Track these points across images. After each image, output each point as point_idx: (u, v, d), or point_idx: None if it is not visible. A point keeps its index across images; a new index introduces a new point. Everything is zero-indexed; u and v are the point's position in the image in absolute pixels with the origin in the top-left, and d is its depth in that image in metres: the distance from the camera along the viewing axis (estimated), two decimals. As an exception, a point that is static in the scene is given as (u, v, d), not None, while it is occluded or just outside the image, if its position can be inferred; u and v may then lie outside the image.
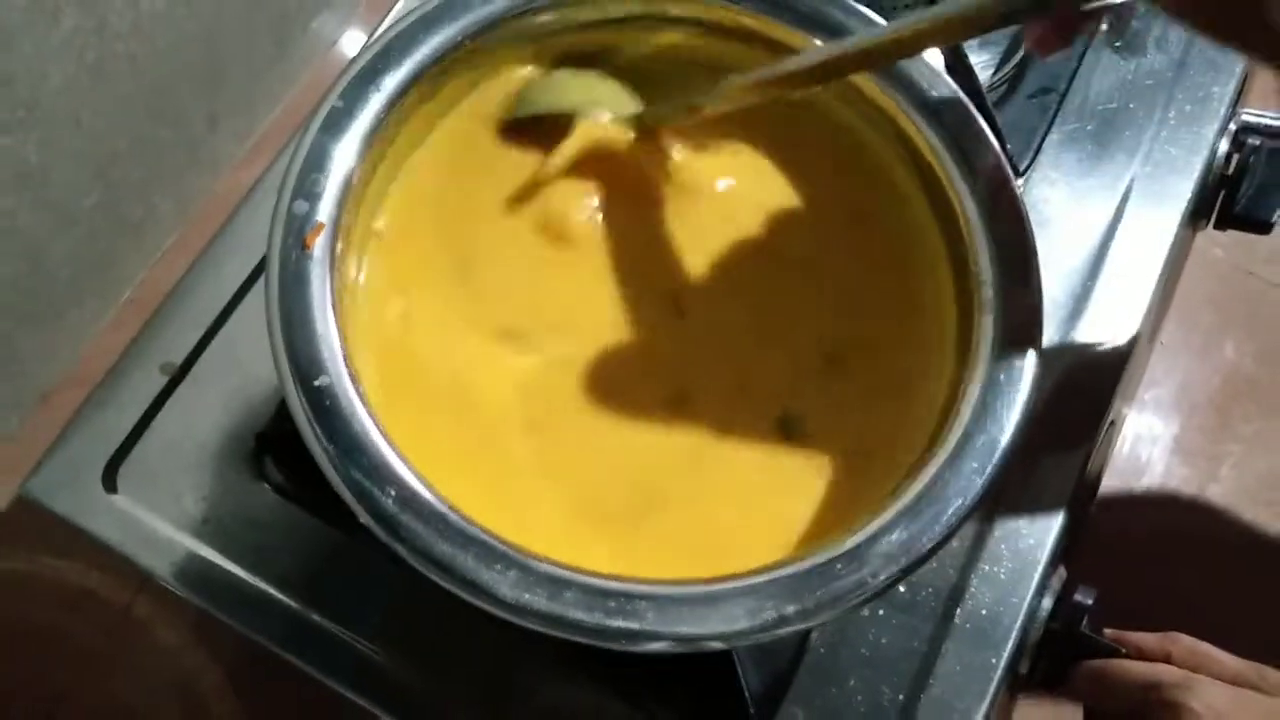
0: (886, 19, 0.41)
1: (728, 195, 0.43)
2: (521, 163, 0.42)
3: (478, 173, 0.42)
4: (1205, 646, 0.40)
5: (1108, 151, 0.55)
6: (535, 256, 0.41)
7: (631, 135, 0.42)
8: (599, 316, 0.41)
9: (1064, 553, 0.47)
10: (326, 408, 0.34)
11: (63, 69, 0.61)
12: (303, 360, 0.34)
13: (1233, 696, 0.37)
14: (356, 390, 0.34)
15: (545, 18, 0.42)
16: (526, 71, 0.44)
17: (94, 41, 0.62)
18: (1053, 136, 0.55)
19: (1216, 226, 0.57)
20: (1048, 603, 0.46)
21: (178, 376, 0.49)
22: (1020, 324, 0.37)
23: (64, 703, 0.64)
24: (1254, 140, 0.55)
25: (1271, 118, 0.57)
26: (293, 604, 0.46)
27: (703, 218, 0.42)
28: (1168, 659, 0.40)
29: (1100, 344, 0.51)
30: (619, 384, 0.40)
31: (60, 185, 0.65)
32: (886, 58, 0.39)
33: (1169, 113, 0.55)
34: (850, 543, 0.34)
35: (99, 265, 0.72)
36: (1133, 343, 0.51)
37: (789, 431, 0.39)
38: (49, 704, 0.64)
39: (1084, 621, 0.44)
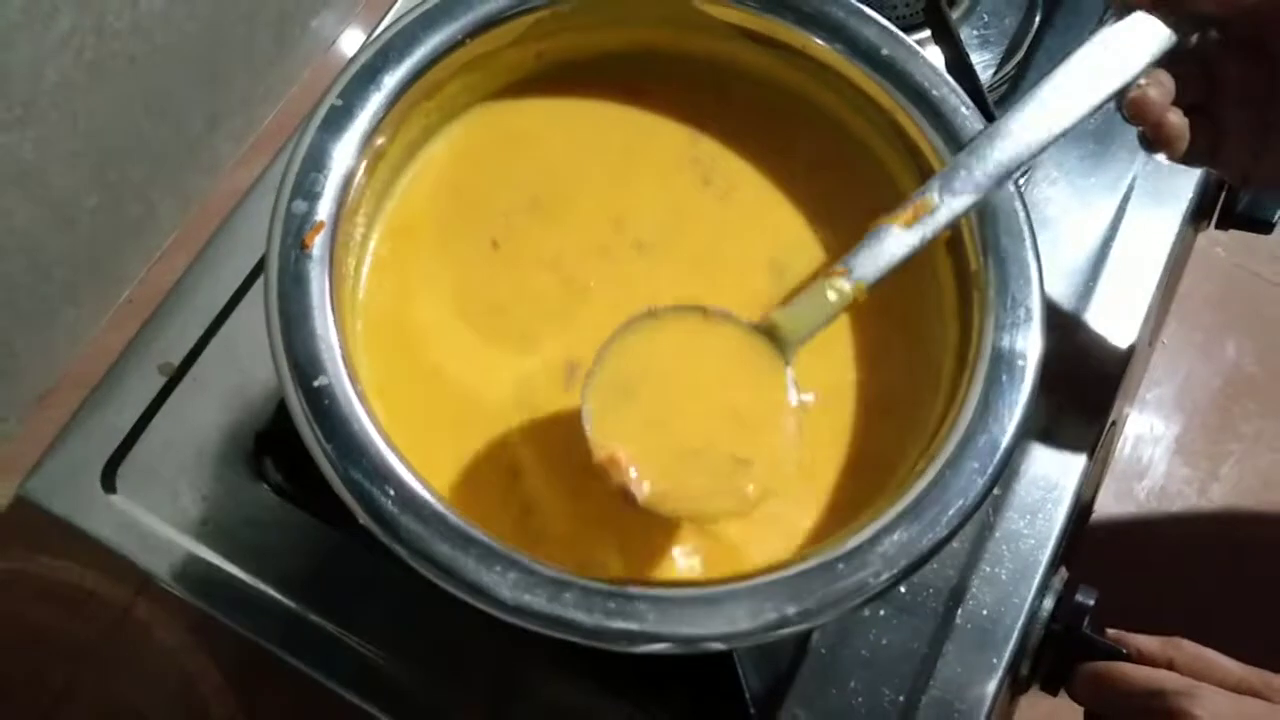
0: (887, 18, 0.41)
1: (731, 204, 0.43)
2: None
3: (477, 179, 0.42)
4: (1209, 653, 0.40)
5: (1109, 150, 0.54)
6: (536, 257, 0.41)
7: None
8: (600, 317, 0.40)
9: (1066, 553, 0.47)
10: (326, 408, 0.33)
11: (60, 68, 0.61)
12: (302, 360, 0.34)
13: (1237, 705, 0.37)
14: (356, 390, 0.34)
15: (545, 16, 0.42)
16: (529, 72, 0.43)
17: (92, 41, 0.62)
18: (1054, 135, 0.54)
19: (1218, 226, 0.57)
20: (1049, 603, 0.45)
21: (176, 376, 0.49)
22: (1021, 324, 0.37)
23: (64, 703, 0.63)
24: (1256, 139, 0.55)
25: (1273, 117, 0.57)
26: (292, 605, 0.45)
27: (710, 230, 0.42)
28: (1170, 665, 0.40)
29: (1102, 344, 0.50)
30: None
31: (58, 184, 0.65)
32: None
33: (1171, 112, 0.55)
34: (851, 543, 0.33)
35: (97, 265, 0.72)
36: (1134, 342, 0.51)
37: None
38: (49, 704, 0.63)
39: (1085, 622, 0.44)
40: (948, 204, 0.37)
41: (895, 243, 0.37)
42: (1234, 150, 0.41)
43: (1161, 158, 0.42)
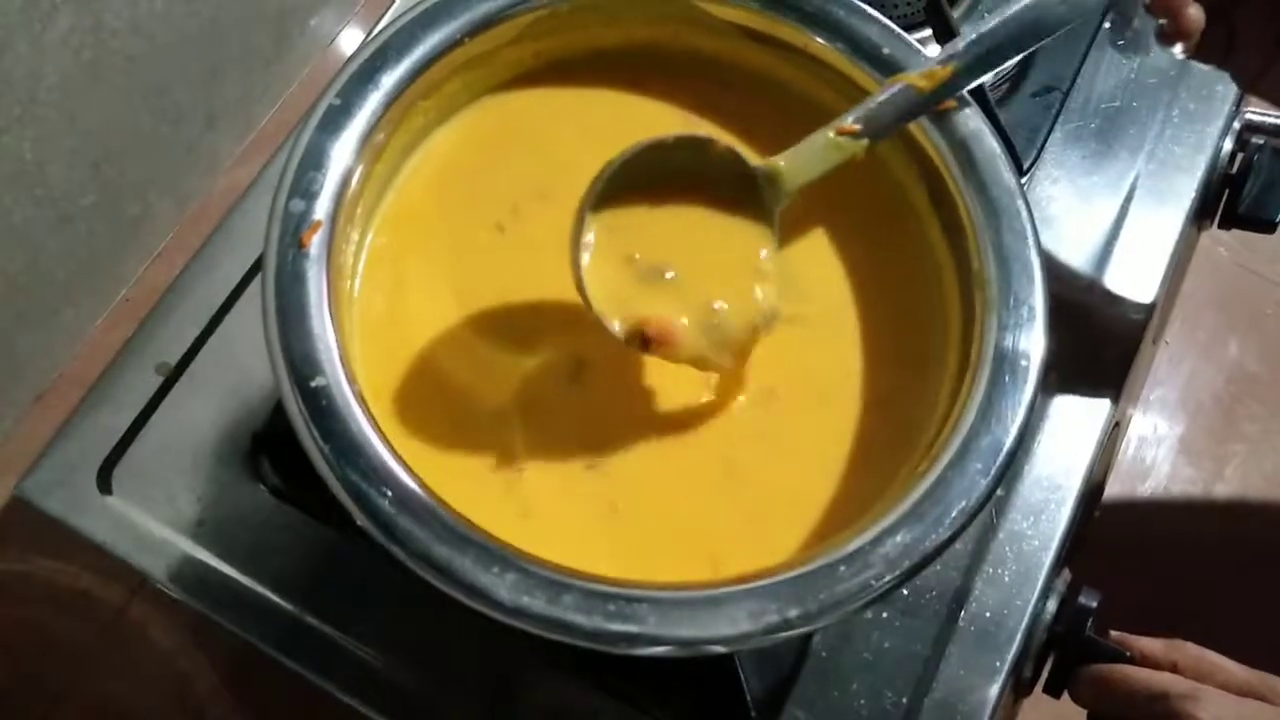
0: (888, 17, 0.41)
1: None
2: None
3: (479, 174, 0.42)
4: (1213, 656, 0.40)
5: (1111, 150, 0.54)
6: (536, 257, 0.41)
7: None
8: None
9: (1069, 555, 0.47)
10: (323, 408, 0.33)
11: (59, 67, 0.61)
12: (299, 360, 0.34)
13: (1240, 707, 0.37)
14: (353, 390, 0.34)
15: (544, 15, 0.41)
16: (527, 70, 0.43)
17: (90, 40, 0.62)
18: (1056, 135, 0.54)
19: (1221, 226, 0.57)
20: (1052, 605, 0.45)
21: (173, 376, 0.49)
22: (1024, 324, 0.37)
23: (59, 705, 0.63)
24: (1258, 139, 0.55)
25: (1276, 117, 0.57)
26: (289, 606, 0.45)
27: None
28: (1173, 668, 0.40)
29: (1105, 343, 0.50)
30: (620, 384, 0.39)
31: (56, 183, 0.65)
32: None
33: (1173, 111, 0.55)
34: (853, 545, 0.33)
35: (95, 264, 0.72)
36: (1137, 342, 0.51)
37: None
38: (44, 706, 0.63)
39: (1089, 625, 0.44)
40: (967, 72, 0.38)
41: (907, 101, 0.38)
42: (1246, 56, 0.42)
43: (1177, 50, 0.43)
